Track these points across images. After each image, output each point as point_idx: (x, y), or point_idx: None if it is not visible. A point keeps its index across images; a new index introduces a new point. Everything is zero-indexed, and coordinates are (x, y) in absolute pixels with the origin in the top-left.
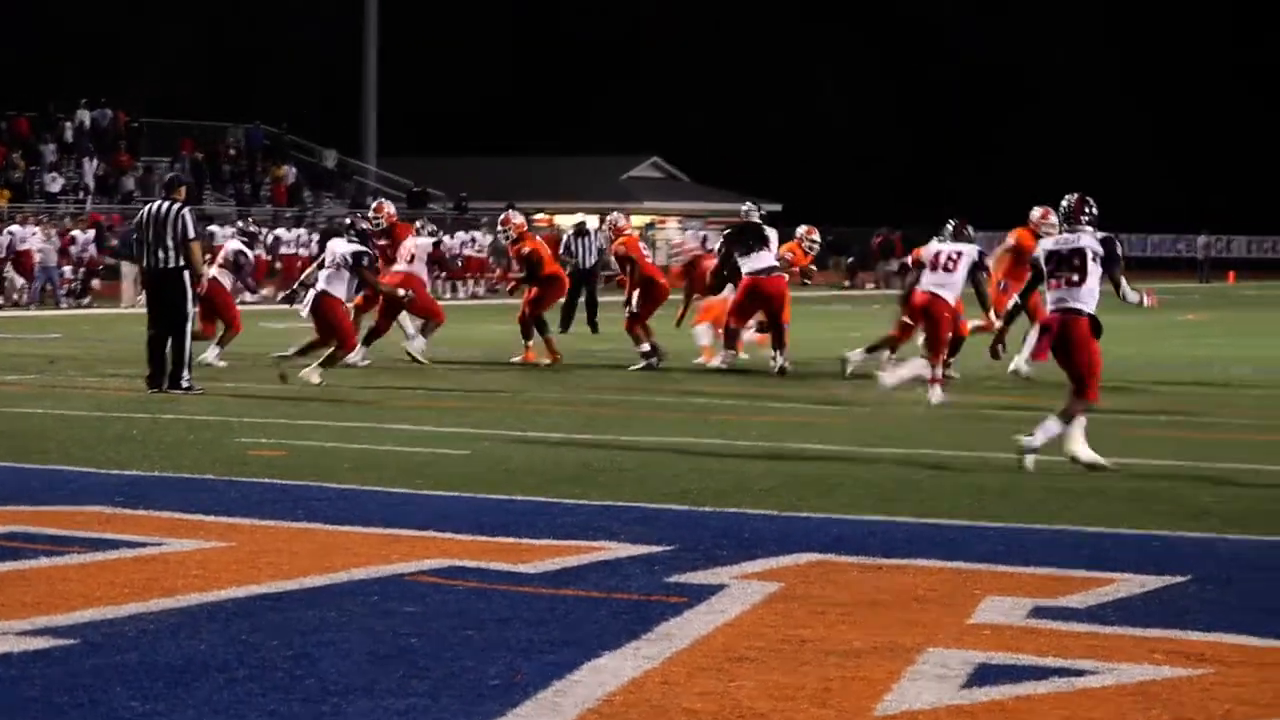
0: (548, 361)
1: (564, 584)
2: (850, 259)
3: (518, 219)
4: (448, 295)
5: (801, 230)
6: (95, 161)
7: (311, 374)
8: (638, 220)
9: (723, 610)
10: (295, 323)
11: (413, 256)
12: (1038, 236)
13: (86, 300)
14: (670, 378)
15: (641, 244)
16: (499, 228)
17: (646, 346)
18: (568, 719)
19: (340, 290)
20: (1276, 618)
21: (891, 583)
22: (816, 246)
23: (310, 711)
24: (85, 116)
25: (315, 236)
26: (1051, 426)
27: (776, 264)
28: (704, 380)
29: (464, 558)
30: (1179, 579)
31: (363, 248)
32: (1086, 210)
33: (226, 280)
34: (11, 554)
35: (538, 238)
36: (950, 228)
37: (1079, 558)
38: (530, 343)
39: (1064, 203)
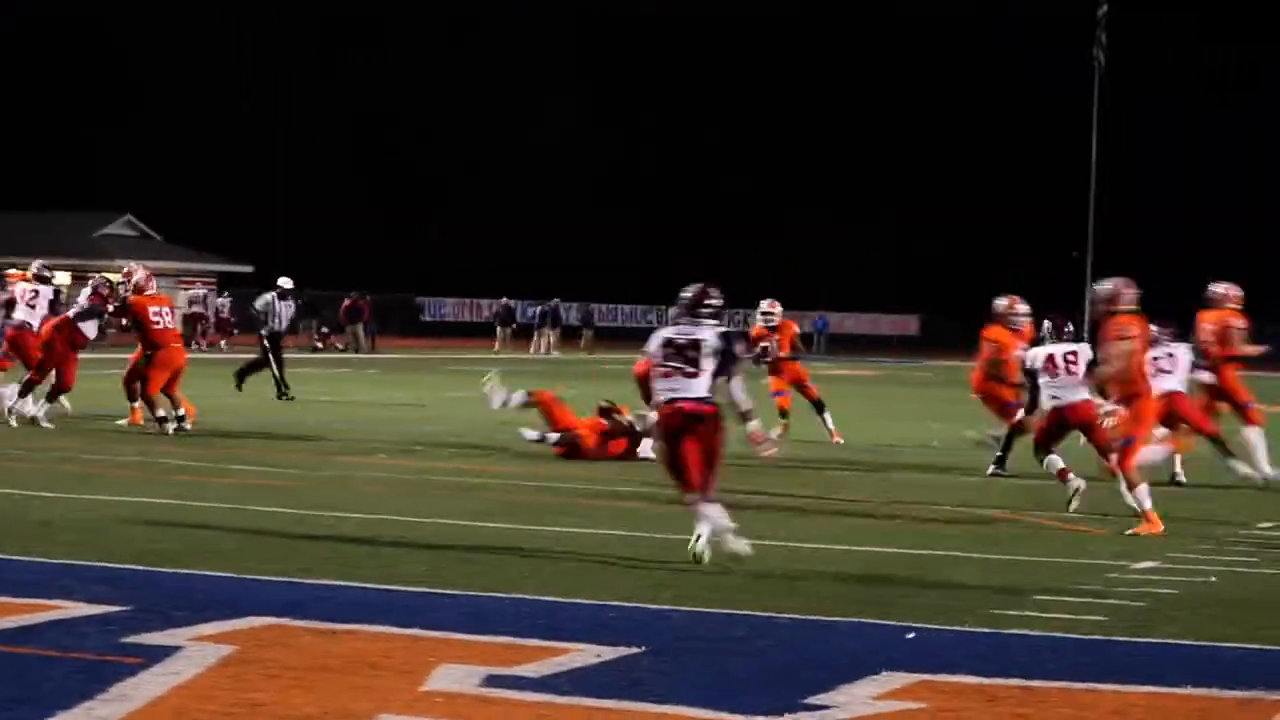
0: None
1: (20, 642)
2: (323, 323)
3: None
4: None
5: (1001, 303)
6: None
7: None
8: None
9: (177, 672)
10: None
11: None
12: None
13: None
14: (131, 438)
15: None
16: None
17: (163, 412)
18: None
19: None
20: (727, 689)
21: (345, 648)
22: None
23: None
24: None
25: None
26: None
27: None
28: (172, 442)
29: None
30: (633, 649)
31: None
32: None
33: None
34: None
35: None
36: (1050, 326)
37: (536, 627)
38: (136, 404)
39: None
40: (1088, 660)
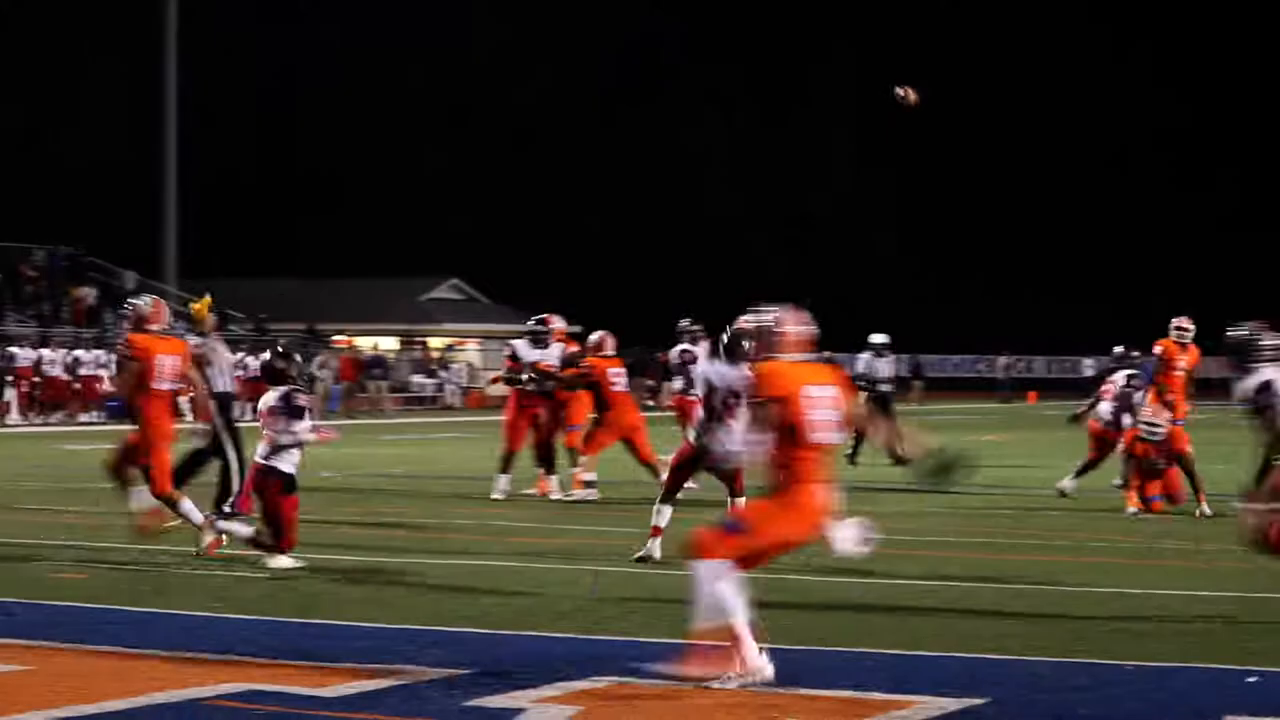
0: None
1: (363, 708)
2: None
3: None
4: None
5: None
6: None
7: None
8: (437, 343)
9: None
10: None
11: None
12: (1180, 345)
13: None
14: (468, 500)
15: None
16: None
17: (591, 475)
18: None
19: None
20: None
21: (693, 706)
22: None
23: None
24: None
25: (114, 357)
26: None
27: None
28: (502, 503)
29: (263, 682)
30: (978, 700)
31: None
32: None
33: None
34: None
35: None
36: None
37: (879, 680)
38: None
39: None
40: None
